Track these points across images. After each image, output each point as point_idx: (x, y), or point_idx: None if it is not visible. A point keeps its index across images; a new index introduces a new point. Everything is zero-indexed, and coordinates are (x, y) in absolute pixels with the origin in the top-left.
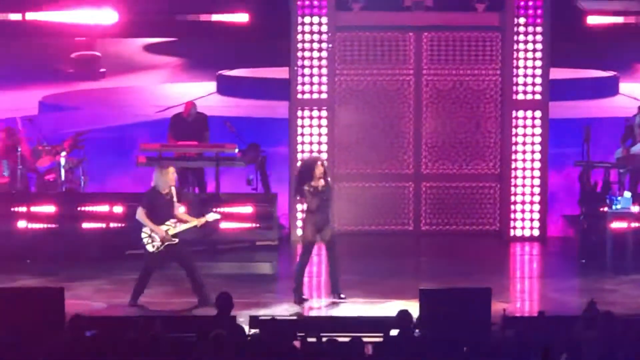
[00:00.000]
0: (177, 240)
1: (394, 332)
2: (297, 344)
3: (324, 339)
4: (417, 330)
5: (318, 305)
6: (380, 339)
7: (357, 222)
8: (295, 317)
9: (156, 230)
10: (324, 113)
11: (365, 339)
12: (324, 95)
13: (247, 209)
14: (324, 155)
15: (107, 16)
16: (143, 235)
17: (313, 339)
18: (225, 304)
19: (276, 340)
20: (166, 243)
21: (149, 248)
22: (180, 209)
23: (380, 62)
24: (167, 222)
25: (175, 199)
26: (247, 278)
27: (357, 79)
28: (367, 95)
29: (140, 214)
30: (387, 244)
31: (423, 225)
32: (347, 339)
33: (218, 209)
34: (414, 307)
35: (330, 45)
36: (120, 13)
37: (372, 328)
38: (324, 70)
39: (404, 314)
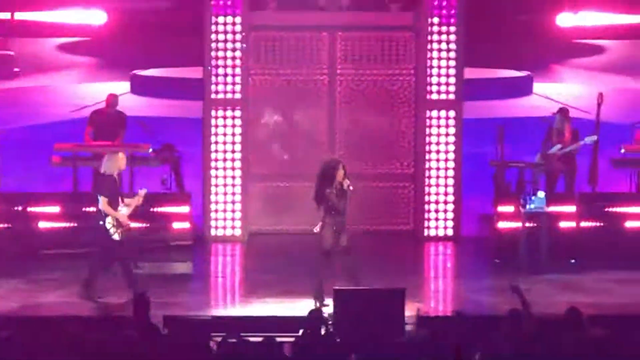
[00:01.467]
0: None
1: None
2: (212, 344)
3: (233, 340)
4: (328, 330)
5: (231, 305)
6: (293, 339)
7: (272, 223)
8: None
9: (119, 217)
10: (237, 113)
11: (279, 339)
12: (237, 95)
13: (162, 209)
14: (238, 155)
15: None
16: (108, 225)
17: (232, 340)
18: (141, 304)
19: (191, 341)
20: (127, 228)
21: (115, 237)
22: None
23: (294, 62)
24: (121, 207)
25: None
26: (162, 278)
27: (271, 78)
28: (281, 95)
29: (104, 203)
30: (303, 243)
31: None
32: (260, 339)
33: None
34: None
35: (244, 45)
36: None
37: (285, 328)
38: (238, 70)
39: (314, 314)
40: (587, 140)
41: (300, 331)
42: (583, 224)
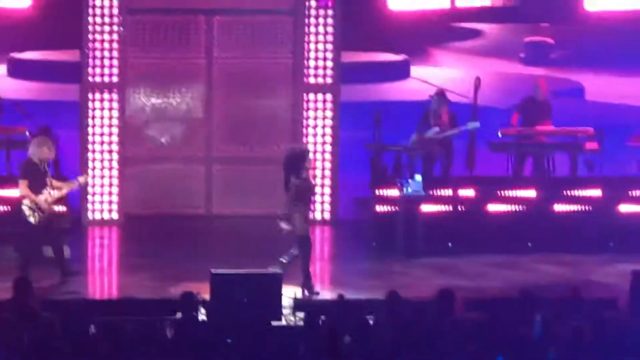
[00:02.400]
0: (57, 208)
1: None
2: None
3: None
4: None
5: (108, 289)
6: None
7: (149, 206)
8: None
9: (38, 201)
10: (114, 96)
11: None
12: (115, 79)
13: None
14: (115, 139)
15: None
16: (24, 208)
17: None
18: (22, 287)
19: (71, 323)
20: (47, 213)
21: (32, 220)
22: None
23: (171, 45)
24: (44, 191)
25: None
26: (39, 261)
27: (148, 62)
28: (158, 78)
29: (22, 186)
30: (179, 227)
31: (215, 209)
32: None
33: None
34: (205, 290)
35: (121, 28)
36: None
37: (162, 311)
38: (115, 53)
39: (188, 297)
40: (469, 126)
41: (179, 314)
42: (459, 207)
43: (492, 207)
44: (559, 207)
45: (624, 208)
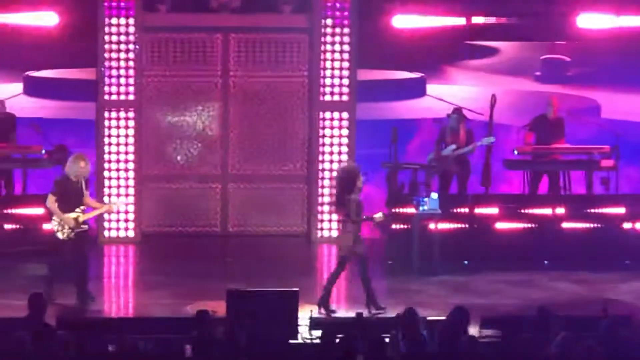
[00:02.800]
0: (87, 226)
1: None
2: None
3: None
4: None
5: (125, 307)
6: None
7: (165, 224)
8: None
9: (64, 218)
10: (131, 114)
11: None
12: (131, 97)
13: None
14: (131, 157)
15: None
16: (53, 222)
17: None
18: (37, 304)
19: (86, 342)
20: (76, 230)
21: (59, 235)
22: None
23: (187, 64)
24: (77, 210)
25: (84, 187)
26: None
27: (164, 80)
28: (174, 96)
29: (49, 201)
30: (195, 245)
31: (231, 227)
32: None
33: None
34: (221, 308)
35: (137, 47)
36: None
37: (179, 329)
38: (131, 72)
39: (203, 315)
40: (485, 141)
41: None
42: (475, 225)
43: (508, 225)
44: (574, 225)
45: None
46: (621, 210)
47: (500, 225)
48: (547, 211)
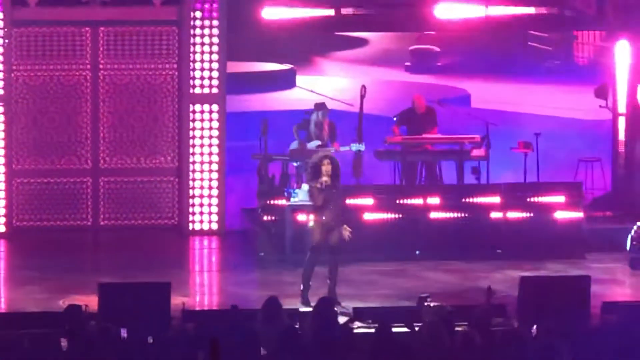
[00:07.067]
0: None
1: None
2: None
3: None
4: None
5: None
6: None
7: (36, 218)
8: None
9: None
10: (0, 109)
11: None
12: (0, 92)
13: None
14: (0, 152)
15: None
16: None
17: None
18: None
19: None
20: None
21: None
22: None
23: (57, 58)
24: None
25: None
26: None
27: (34, 74)
28: (44, 90)
29: None
30: (66, 239)
31: (102, 220)
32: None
33: None
34: (93, 302)
35: (6, 41)
36: None
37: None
38: (0, 67)
39: (73, 309)
40: (354, 147)
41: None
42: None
43: (379, 215)
44: (446, 215)
45: (512, 215)
46: (494, 199)
47: (370, 216)
48: (419, 201)
